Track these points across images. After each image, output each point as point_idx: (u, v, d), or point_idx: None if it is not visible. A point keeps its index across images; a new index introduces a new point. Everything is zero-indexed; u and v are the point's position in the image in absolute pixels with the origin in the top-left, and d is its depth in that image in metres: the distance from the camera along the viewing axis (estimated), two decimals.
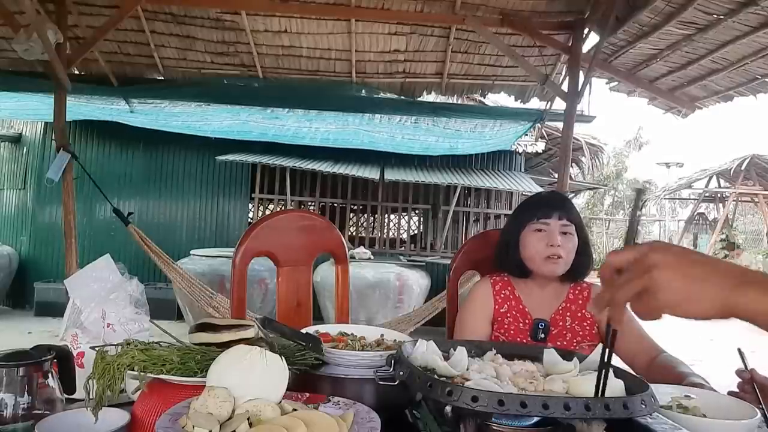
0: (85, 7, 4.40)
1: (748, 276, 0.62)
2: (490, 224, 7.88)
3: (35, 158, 7.48)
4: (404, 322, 4.94)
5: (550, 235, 1.48)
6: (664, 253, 0.64)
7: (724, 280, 0.62)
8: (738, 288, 0.61)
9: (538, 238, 1.50)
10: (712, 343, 7.34)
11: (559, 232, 1.49)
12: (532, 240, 1.51)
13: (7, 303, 7.24)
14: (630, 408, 0.74)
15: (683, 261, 0.64)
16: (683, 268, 0.63)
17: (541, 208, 1.53)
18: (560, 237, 1.48)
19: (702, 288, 0.62)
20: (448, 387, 0.76)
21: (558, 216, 1.50)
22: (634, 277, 0.64)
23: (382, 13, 4.33)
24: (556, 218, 1.50)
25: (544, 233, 1.49)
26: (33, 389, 0.89)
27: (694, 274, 0.63)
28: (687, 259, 0.64)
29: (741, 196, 12.29)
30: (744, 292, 0.60)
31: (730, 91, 4.36)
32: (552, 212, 1.50)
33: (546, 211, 1.51)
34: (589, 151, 8.53)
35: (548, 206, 1.52)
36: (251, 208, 7.82)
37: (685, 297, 0.62)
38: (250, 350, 0.83)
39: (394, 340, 1.19)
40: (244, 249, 1.60)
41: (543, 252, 1.48)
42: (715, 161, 14.28)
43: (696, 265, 0.64)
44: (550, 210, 1.51)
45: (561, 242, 1.48)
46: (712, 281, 0.62)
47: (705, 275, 0.63)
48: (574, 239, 1.51)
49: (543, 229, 1.50)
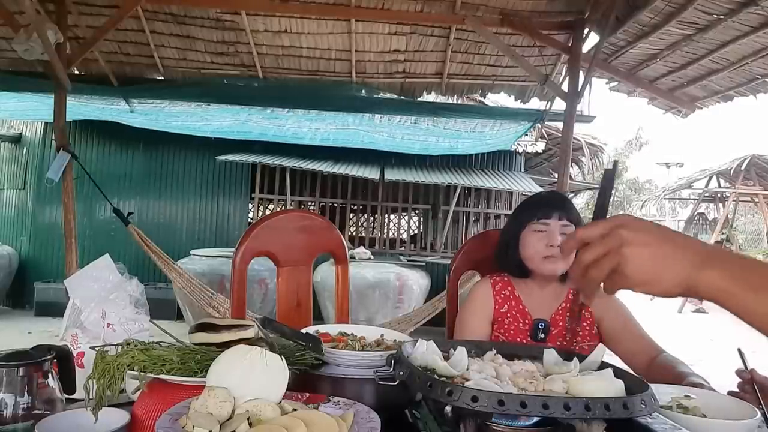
0: (85, 7, 4.40)
1: (712, 255, 0.62)
2: (490, 224, 7.88)
3: (35, 158, 7.48)
4: (404, 322, 4.94)
5: (550, 236, 1.48)
6: (634, 231, 0.64)
7: (690, 258, 0.62)
8: (700, 266, 0.61)
9: (538, 238, 1.50)
10: (712, 343, 7.34)
11: (560, 233, 1.49)
12: (532, 240, 1.51)
13: (7, 303, 7.24)
14: (630, 408, 0.74)
15: (653, 239, 0.63)
16: (653, 246, 0.63)
17: (541, 208, 1.53)
18: (560, 237, 1.48)
19: (668, 266, 0.62)
20: (448, 387, 0.76)
21: (558, 216, 1.50)
22: (603, 252, 0.64)
23: (382, 13, 4.33)
24: (556, 218, 1.50)
25: (544, 233, 1.49)
26: (33, 389, 0.89)
27: (663, 253, 0.63)
28: (656, 236, 0.64)
29: (741, 196, 12.27)
30: (705, 271, 0.61)
31: (730, 91, 4.36)
32: (552, 212, 1.50)
33: (546, 211, 1.51)
34: (589, 151, 8.53)
35: (548, 206, 1.52)
36: (251, 208, 7.83)
37: (652, 276, 0.62)
38: (250, 350, 0.83)
39: (394, 340, 1.19)
40: (244, 249, 1.60)
41: (542, 252, 1.48)
42: (715, 161, 14.30)
43: (665, 242, 0.64)
44: (550, 210, 1.51)
45: (561, 243, 1.48)
46: (678, 259, 0.62)
47: (673, 253, 0.63)
48: None
49: (543, 229, 1.50)
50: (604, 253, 0.64)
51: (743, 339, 1.46)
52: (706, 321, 10.00)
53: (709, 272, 0.60)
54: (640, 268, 0.63)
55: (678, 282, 0.62)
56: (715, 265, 0.61)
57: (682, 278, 0.62)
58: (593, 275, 0.65)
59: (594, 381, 0.84)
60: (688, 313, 10.80)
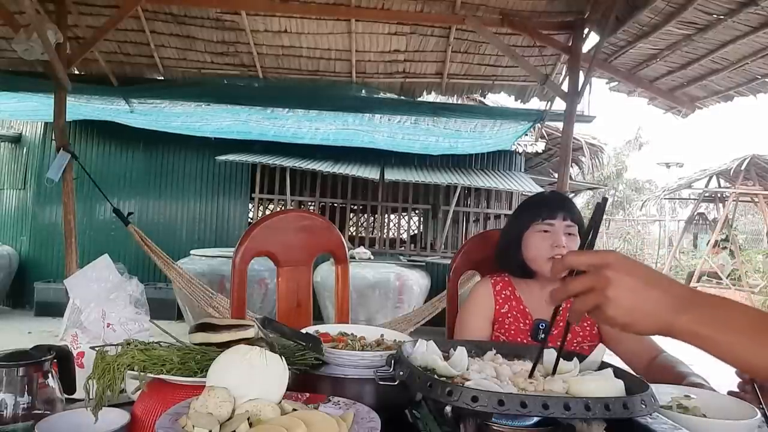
0: (85, 7, 4.40)
1: (692, 300, 0.65)
2: (490, 224, 7.89)
3: (35, 158, 7.48)
4: (404, 322, 4.94)
5: (555, 236, 1.47)
6: (621, 274, 0.66)
7: (670, 302, 0.65)
8: (677, 311, 0.64)
9: (542, 239, 1.49)
10: None
11: (564, 233, 1.48)
12: (536, 240, 1.50)
13: (7, 303, 7.24)
14: (630, 408, 0.74)
15: (638, 284, 0.66)
16: (636, 292, 0.66)
17: (544, 208, 1.52)
18: (564, 238, 1.47)
19: (648, 311, 0.65)
20: (448, 387, 0.76)
21: (563, 216, 1.49)
22: (589, 288, 0.67)
23: (382, 13, 4.33)
24: (560, 219, 1.49)
25: (548, 234, 1.48)
26: (33, 389, 0.89)
27: (645, 298, 0.65)
28: (641, 281, 0.66)
29: (741, 196, 12.26)
30: (680, 316, 0.63)
31: (730, 91, 4.36)
32: (557, 213, 1.49)
33: (550, 211, 1.50)
34: (589, 151, 8.53)
35: (552, 207, 1.51)
36: (251, 208, 7.83)
37: (632, 320, 0.66)
38: (250, 350, 0.83)
39: (394, 340, 1.19)
40: (244, 249, 1.60)
41: (547, 252, 1.47)
42: (715, 161, 14.31)
43: (649, 288, 0.66)
44: (554, 211, 1.50)
45: (565, 243, 1.47)
46: (658, 304, 0.65)
47: (656, 298, 0.66)
48: (577, 240, 1.50)
49: (548, 229, 1.49)
50: (590, 289, 0.67)
51: None
52: None
53: (684, 317, 0.63)
54: (622, 311, 0.66)
55: (656, 325, 0.66)
56: (689, 310, 0.63)
57: (660, 322, 0.65)
58: (577, 306, 0.70)
59: (594, 381, 0.84)
60: None
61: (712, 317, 0.62)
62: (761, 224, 15.50)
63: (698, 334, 0.62)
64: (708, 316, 0.62)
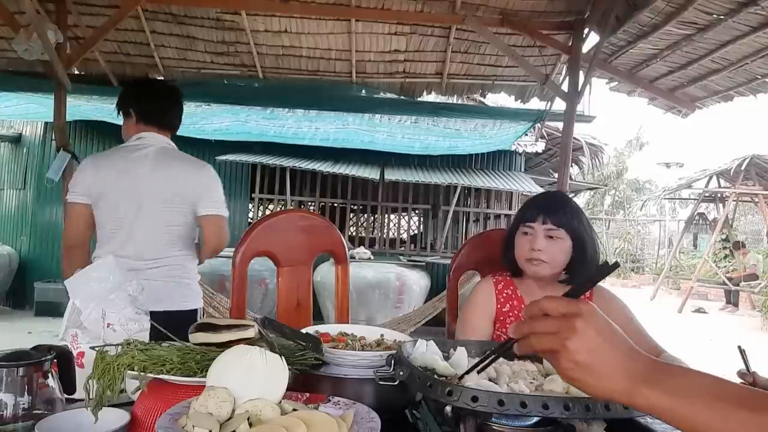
0: (85, 7, 4.39)
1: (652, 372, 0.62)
2: (490, 224, 7.89)
3: (35, 158, 7.48)
4: (404, 322, 4.95)
5: (533, 239, 1.50)
6: (587, 329, 0.63)
7: (631, 370, 0.62)
8: (638, 381, 0.62)
9: (524, 240, 1.53)
10: (712, 343, 7.34)
11: (545, 236, 1.49)
12: (519, 241, 1.55)
13: (7, 303, 7.24)
14: (630, 408, 0.74)
15: (602, 342, 0.63)
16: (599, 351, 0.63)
17: (528, 210, 1.55)
18: (545, 241, 1.49)
19: (604, 373, 0.62)
20: (448, 387, 0.76)
21: (542, 220, 1.50)
22: (552, 331, 0.65)
23: (382, 13, 4.33)
24: (540, 222, 1.50)
25: (530, 236, 1.52)
26: (33, 389, 0.89)
27: (606, 359, 0.63)
28: (606, 340, 0.64)
29: (741, 196, 12.28)
30: (641, 388, 0.61)
31: (730, 91, 4.36)
32: (537, 216, 1.51)
33: (532, 214, 1.52)
34: (589, 151, 8.53)
35: (535, 210, 1.53)
36: (251, 208, 7.83)
37: (583, 376, 0.63)
38: (250, 350, 0.83)
39: (394, 340, 1.19)
40: (244, 249, 1.60)
41: (526, 254, 1.51)
42: (715, 161, 14.30)
43: (612, 348, 0.64)
44: (535, 214, 1.52)
45: (544, 246, 1.48)
46: (617, 369, 0.63)
47: (617, 362, 0.63)
48: (563, 243, 1.49)
49: (529, 232, 1.52)
50: (552, 332, 0.64)
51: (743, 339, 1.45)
52: (706, 321, 10.00)
53: (645, 389, 0.61)
54: (572, 366, 0.63)
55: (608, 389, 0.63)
56: (649, 385, 0.61)
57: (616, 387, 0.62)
58: (532, 342, 0.66)
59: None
60: (688, 313, 10.80)
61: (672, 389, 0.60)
62: (761, 224, 15.51)
63: (660, 407, 0.60)
64: (670, 388, 0.60)
